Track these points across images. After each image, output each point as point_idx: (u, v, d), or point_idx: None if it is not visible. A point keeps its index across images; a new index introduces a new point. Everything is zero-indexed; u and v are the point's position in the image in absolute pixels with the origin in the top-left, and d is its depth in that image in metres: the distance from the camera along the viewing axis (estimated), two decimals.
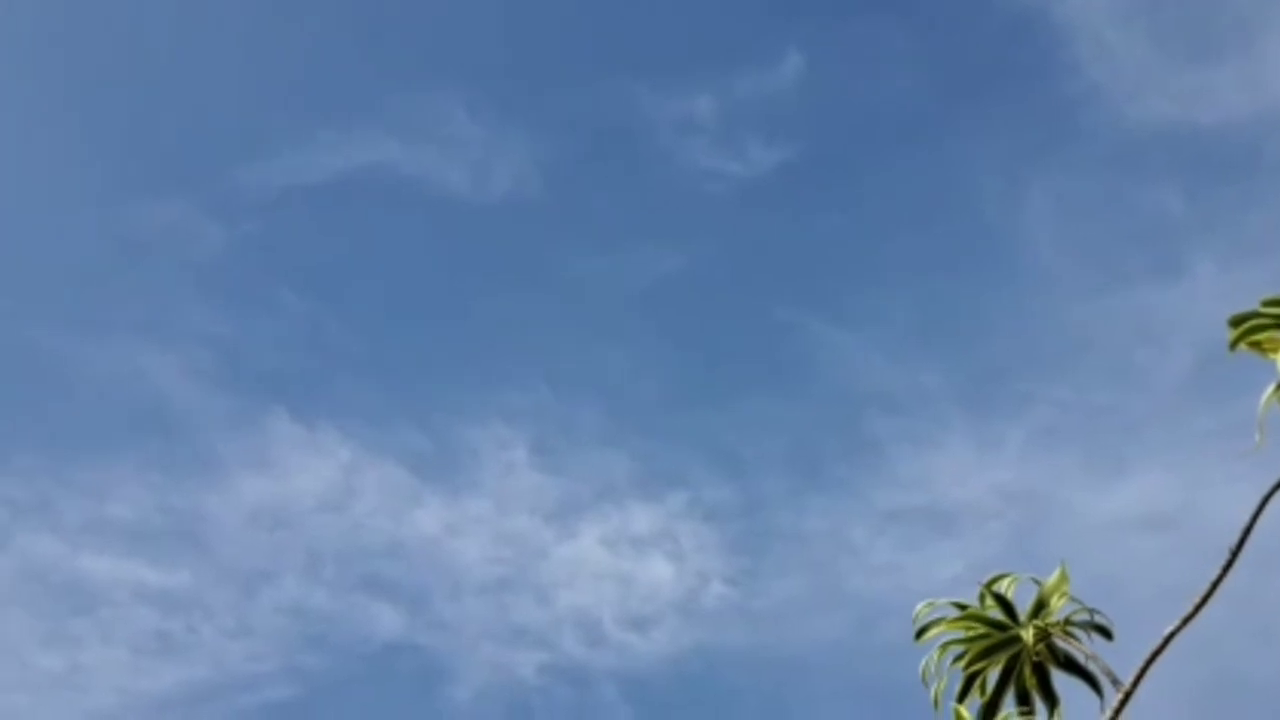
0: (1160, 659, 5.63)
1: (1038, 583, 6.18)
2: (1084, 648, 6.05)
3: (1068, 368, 17.76)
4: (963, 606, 6.19)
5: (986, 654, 6.08)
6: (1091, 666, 6.02)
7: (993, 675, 6.12)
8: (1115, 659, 5.93)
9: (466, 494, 18.76)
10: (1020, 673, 6.09)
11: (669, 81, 18.79)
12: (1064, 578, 6.14)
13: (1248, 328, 5.52)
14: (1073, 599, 6.13)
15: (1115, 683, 5.84)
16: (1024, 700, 6.08)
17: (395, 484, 18.50)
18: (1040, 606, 6.13)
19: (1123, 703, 5.72)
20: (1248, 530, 5.53)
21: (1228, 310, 5.55)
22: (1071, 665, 6.10)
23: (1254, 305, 5.55)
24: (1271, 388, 5.48)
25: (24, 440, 16.63)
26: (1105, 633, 6.10)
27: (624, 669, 17.25)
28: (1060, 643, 6.10)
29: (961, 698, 6.09)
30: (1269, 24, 16.96)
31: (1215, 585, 5.56)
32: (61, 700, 15.37)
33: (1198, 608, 5.60)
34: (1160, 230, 17.60)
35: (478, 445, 19.01)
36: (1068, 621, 6.11)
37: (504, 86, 20.23)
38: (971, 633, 6.11)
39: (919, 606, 6.20)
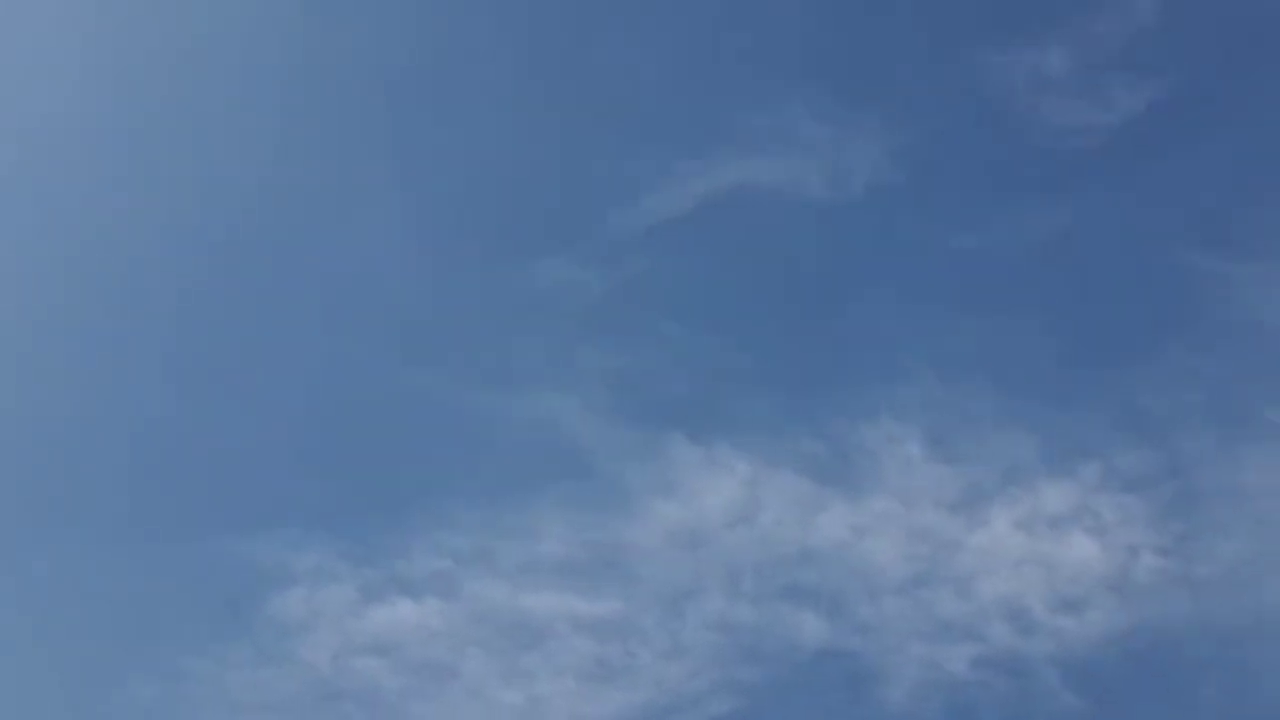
0: None
1: None
2: None
3: None
4: None
5: None
6: None
7: None
8: None
9: (869, 494, 18.64)
10: None
11: (1016, 38, 18.16)
12: None
13: None
14: None
15: None
16: None
17: (797, 492, 18.60)
18: None
19: None
20: None
21: None
22: None
23: None
24: None
25: (459, 494, 17.72)
26: None
27: (1062, 655, 16.67)
28: None
29: None
30: None
31: None
32: None
33: None
34: None
35: (872, 444, 18.86)
36: None
37: (843, 82, 20.17)
38: None
39: None
